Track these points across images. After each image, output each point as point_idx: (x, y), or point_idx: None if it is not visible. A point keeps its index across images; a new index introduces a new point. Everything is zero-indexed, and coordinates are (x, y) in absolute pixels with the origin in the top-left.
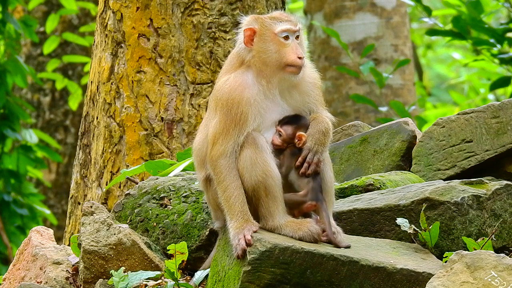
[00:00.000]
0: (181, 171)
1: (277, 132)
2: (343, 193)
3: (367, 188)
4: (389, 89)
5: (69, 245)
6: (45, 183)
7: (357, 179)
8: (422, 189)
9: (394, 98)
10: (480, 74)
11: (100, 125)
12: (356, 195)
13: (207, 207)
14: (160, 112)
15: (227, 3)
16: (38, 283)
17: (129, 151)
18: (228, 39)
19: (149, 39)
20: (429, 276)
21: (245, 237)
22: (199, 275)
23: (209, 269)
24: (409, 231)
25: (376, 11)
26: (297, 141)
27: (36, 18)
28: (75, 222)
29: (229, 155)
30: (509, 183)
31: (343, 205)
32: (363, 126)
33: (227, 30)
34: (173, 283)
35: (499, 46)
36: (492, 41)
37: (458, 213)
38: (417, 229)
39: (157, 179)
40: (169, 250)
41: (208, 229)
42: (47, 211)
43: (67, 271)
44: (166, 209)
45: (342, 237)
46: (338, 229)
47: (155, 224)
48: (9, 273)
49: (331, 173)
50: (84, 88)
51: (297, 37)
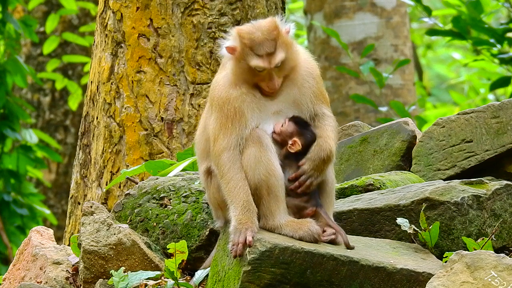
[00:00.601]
0: (181, 171)
1: (281, 122)
2: (343, 193)
3: (367, 188)
4: (389, 89)
5: (69, 245)
6: (45, 183)
7: (357, 179)
8: (422, 189)
9: (394, 98)
10: (480, 74)
11: (100, 125)
12: (356, 195)
13: (207, 207)
14: (160, 112)
15: (227, 3)
16: (38, 283)
17: (129, 151)
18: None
19: (149, 39)
20: (429, 276)
21: (246, 239)
22: (199, 274)
23: (209, 269)
24: (409, 231)
25: (376, 11)
26: (290, 143)
27: (36, 18)
28: (75, 222)
29: (233, 148)
30: (509, 183)
31: (343, 205)
32: (363, 126)
33: (227, 30)
34: (173, 282)
35: (499, 46)
36: (492, 41)
37: (458, 213)
38: (417, 229)
39: (157, 179)
40: (169, 249)
41: (208, 229)
42: (47, 211)
43: (67, 271)
44: (166, 209)
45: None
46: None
47: (155, 224)
48: (9, 273)
49: (332, 174)
50: (84, 88)
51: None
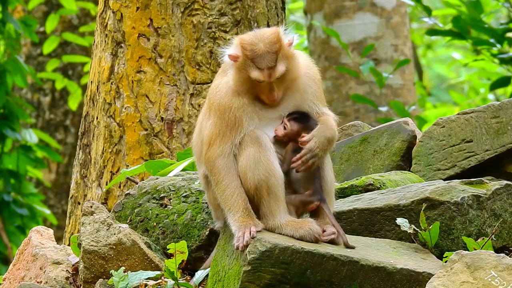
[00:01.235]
0: (181, 171)
1: (283, 123)
2: (343, 193)
3: (367, 188)
4: (389, 89)
5: (69, 245)
6: (45, 183)
7: (357, 179)
8: (422, 189)
9: (394, 98)
10: (480, 74)
11: (100, 125)
12: (356, 195)
13: (207, 207)
14: (160, 112)
15: (227, 3)
16: (38, 283)
17: (129, 151)
18: (228, 39)
19: (149, 39)
20: (429, 276)
21: (250, 231)
22: (199, 275)
23: (209, 269)
24: (409, 231)
25: (376, 11)
26: (299, 139)
27: (36, 18)
28: (75, 222)
29: (227, 155)
30: (509, 183)
31: (343, 205)
32: (363, 126)
33: (227, 30)
34: (173, 282)
35: (499, 46)
36: (492, 41)
37: (458, 213)
38: (417, 229)
39: (157, 179)
40: (169, 249)
41: (208, 229)
42: (47, 211)
43: (67, 271)
44: (166, 209)
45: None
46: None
47: (155, 224)
48: (9, 273)
49: (331, 173)
50: (84, 88)
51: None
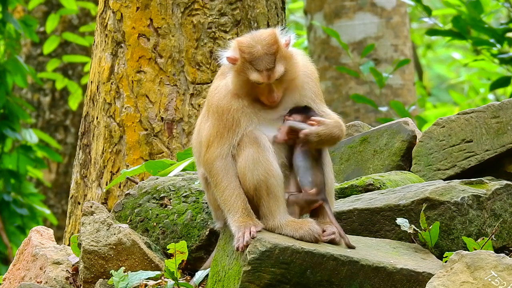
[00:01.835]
0: (181, 171)
1: (285, 122)
2: (343, 193)
3: (367, 188)
4: (389, 89)
5: (69, 245)
6: (45, 183)
7: (357, 179)
8: (422, 189)
9: (394, 98)
10: (480, 74)
11: (100, 125)
12: (356, 195)
13: (207, 207)
14: (160, 112)
15: (227, 3)
16: (38, 283)
17: (129, 151)
18: (228, 39)
19: (149, 39)
20: (429, 276)
21: (250, 232)
22: (199, 275)
23: (209, 269)
24: (409, 231)
25: (376, 11)
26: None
27: (36, 18)
28: (75, 222)
29: (225, 156)
30: (509, 183)
31: (343, 205)
32: (363, 126)
33: (227, 30)
34: (173, 282)
35: (499, 46)
36: (492, 41)
37: (458, 213)
38: (417, 229)
39: (157, 179)
40: (169, 249)
41: (208, 229)
42: (47, 211)
43: (67, 271)
44: (166, 209)
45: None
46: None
47: (155, 224)
48: (9, 273)
49: (331, 174)
50: (84, 88)
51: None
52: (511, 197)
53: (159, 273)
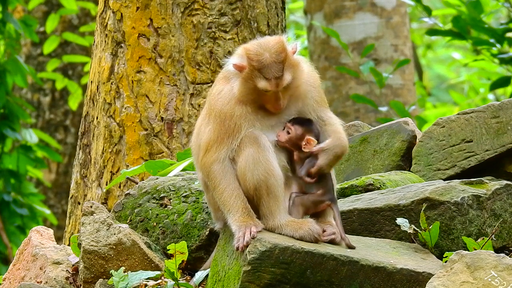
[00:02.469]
0: (181, 171)
1: (285, 129)
2: (343, 193)
3: (367, 188)
4: (389, 89)
5: (69, 245)
6: (45, 183)
7: (357, 179)
8: (422, 189)
9: (394, 98)
10: (480, 74)
11: (100, 125)
12: (356, 195)
13: (207, 207)
14: (160, 112)
15: (227, 3)
16: (38, 283)
17: (129, 151)
18: (228, 39)
19: (149, 39)
20: (429, 276)
21: (251, 231)
22: (199, 275)
23: (209, 270)
24: (409, 231)
25: (376, 11)
26: (304, 144)
27: (36, 18)
28: (75, 222)
29: (223, 160)
30: (509, 183)
31: (343, 205)
32: (363, 126)
33: (227, 30)
34: (173, 283)
35: (499, 46)
36: (492, 41)
37: (458, 213)
38: (417, 229)
39: (157, 179)
40: (169, 250)
41: (208, 229)
42: (47, 211)
43: (67, 271)
44: (166, 209)
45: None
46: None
47: (155, 224)
48: (9, 273)
49: (333, 175)
50: (84, 88)
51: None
52: (511, 197)
53: (159, 273)
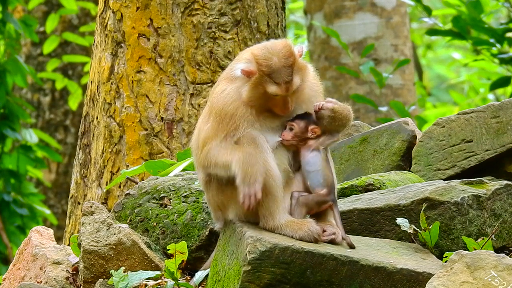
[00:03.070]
0: (181, 171)
1: (288, 127)
2: (343, 193)
3: (367, 188)
4: (389, 89)
5: (69, 245)
6: (45, 183)
7: (357, 179)
8: (422, 189)
9: (394, 98)
10: (480, 74)
11: (100, 125)
12: (356, 195)
13: (207, 207)
14: (160, 112)
15: (227, 3)
16: (38, 283)
17: (129, 151)
18: (228, 39)
19: (149, 39)
20: (429, 276)
21: (255, 190)
22: (199, 275)
23: (209, 270)
24: (409, 231)
25: (376, 11)
26: (310, 134)
27: (36, 18)
28: (75, 222)
29: (220, 142)
30: (509, 183)
31: (343, 205)
32: (363, 126)
33: (227, 30)
34: (173, 283)
35: (499, 46)
36: (492, 41)
37: (458, 213)
38: (417, 229)
39: (157, 179)
40: (169, 250)
41: (208, 229)
42: (47, 211)
43: (67, 271)
44: (166, 209)
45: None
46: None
47: (155, 224)
48: (9, 273)
49: (333, 173)
50: (84, 88)
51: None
52: (511, 197)
53: (159, 273)
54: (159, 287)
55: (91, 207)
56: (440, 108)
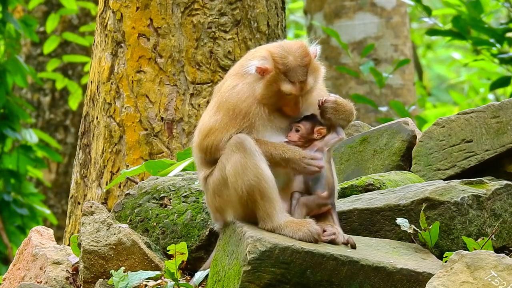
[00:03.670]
0: (181, 171)
1: (294, 128)
2: (343, 193)
3: (367, 188)
4: (389, 89)
5: (69, 245)
6: (45, 183)
7: (357, 179)
8: (422, 189)
9: (394, 98)
10: (480, 74)
11: (100, 125)
12: (356, 195)
13: (207, 207)
14: (160, 112)
15: (227, 3)
16: (38, 283)
17: (129, 151)
18: (228, 39)
19: (149, 39)
20: (429, 276)
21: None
22: (199, 275)
23: (209, 270)
24: (409, 231)
25: (376, 11)
26: (316, 135)
27: (36, 18)
28: (75, 222)
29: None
30: (509, 183)
31: (343, 205)
32: (363, 126)
33: (227, 30)
34: (173, 283)
35: (499, 46)
36: (492, 41)
37: (458, 213)
38: (417, 229)
39: (157, 179)
40: (169, 250)
41: (208, 229)
42: (47, 211)
43: (67, 271)
44: (166, 209)
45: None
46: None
47: (155, 224)
48: (9, 273)
49: (335, 175)
50: (84, 88)
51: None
52: (511, 197)
53: (159, 273)
54: (159, 287)
55: (91, 207)
56: (440, 108)
